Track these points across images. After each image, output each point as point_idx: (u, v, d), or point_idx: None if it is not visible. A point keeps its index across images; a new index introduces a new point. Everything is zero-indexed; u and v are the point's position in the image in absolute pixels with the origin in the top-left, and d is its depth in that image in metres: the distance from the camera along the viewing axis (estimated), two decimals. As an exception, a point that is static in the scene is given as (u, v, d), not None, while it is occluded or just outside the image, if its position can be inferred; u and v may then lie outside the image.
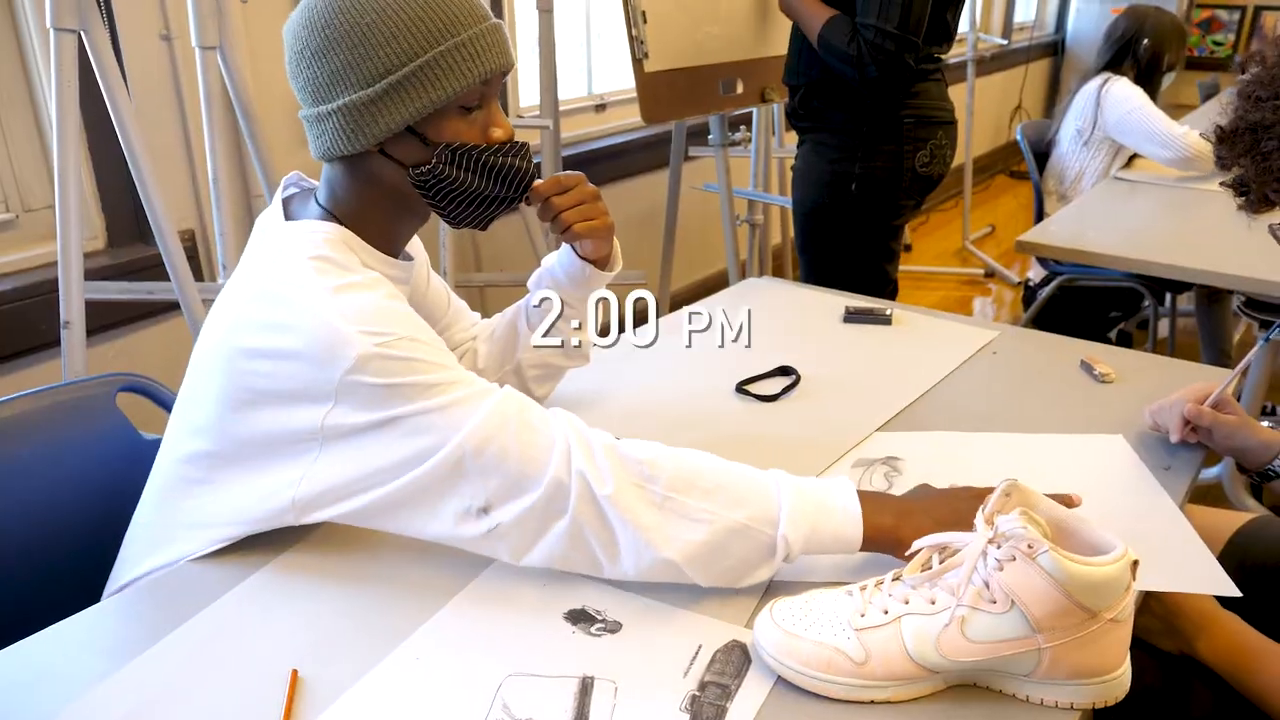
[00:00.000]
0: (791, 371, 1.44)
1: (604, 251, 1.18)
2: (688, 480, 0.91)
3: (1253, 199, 0.95)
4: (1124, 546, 0.76)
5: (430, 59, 0.93)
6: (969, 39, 4.50)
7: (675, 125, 2.67)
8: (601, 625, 0.92)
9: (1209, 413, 1.18)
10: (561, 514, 0.90)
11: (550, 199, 1.09)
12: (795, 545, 0.91)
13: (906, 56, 1.80)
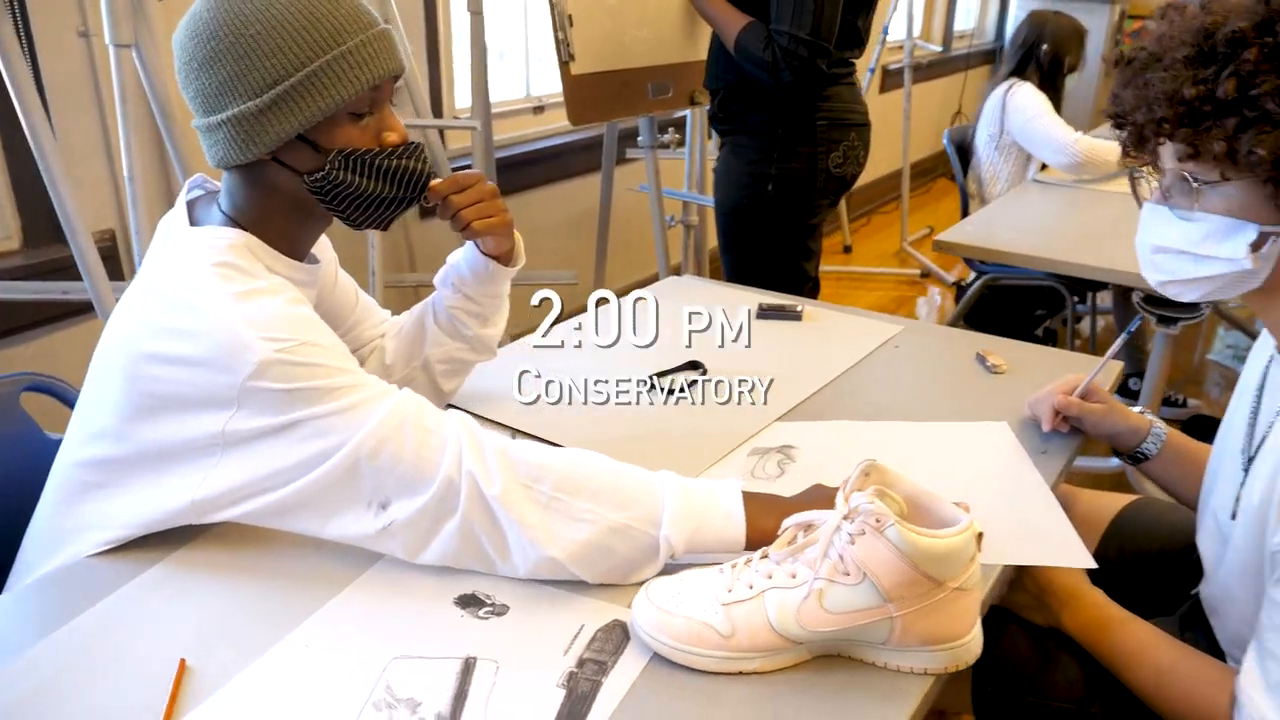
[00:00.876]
0: (699, 366, 1.48)
1: (506, 247, 1.21)
2: (575, 482, 0.95)
3: (1129, 135, 0.98)
4: (969, 520, 0.81)
5: (317, 68, 0.95)
6: (906, 46, 4.59)
7: (607, 127, 2.71)
8: (489, 609, 0.95)
9: (1075, 402, 1.24)
10: (452, 513, 0.93)
11: (448, 198, 1.12)
12: (678, 546, 0.94)
13: (819, 62, 1.86)
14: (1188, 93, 0.87)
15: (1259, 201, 0.89)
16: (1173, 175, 0.94)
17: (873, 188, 5.55)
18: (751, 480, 1.18)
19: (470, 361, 1.30)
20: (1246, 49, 0.85)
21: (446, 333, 1.26)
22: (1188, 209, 0.93)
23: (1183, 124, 0.89)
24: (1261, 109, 0.84)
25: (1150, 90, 0.91)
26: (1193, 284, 0.97)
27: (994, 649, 1.16)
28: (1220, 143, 0.86)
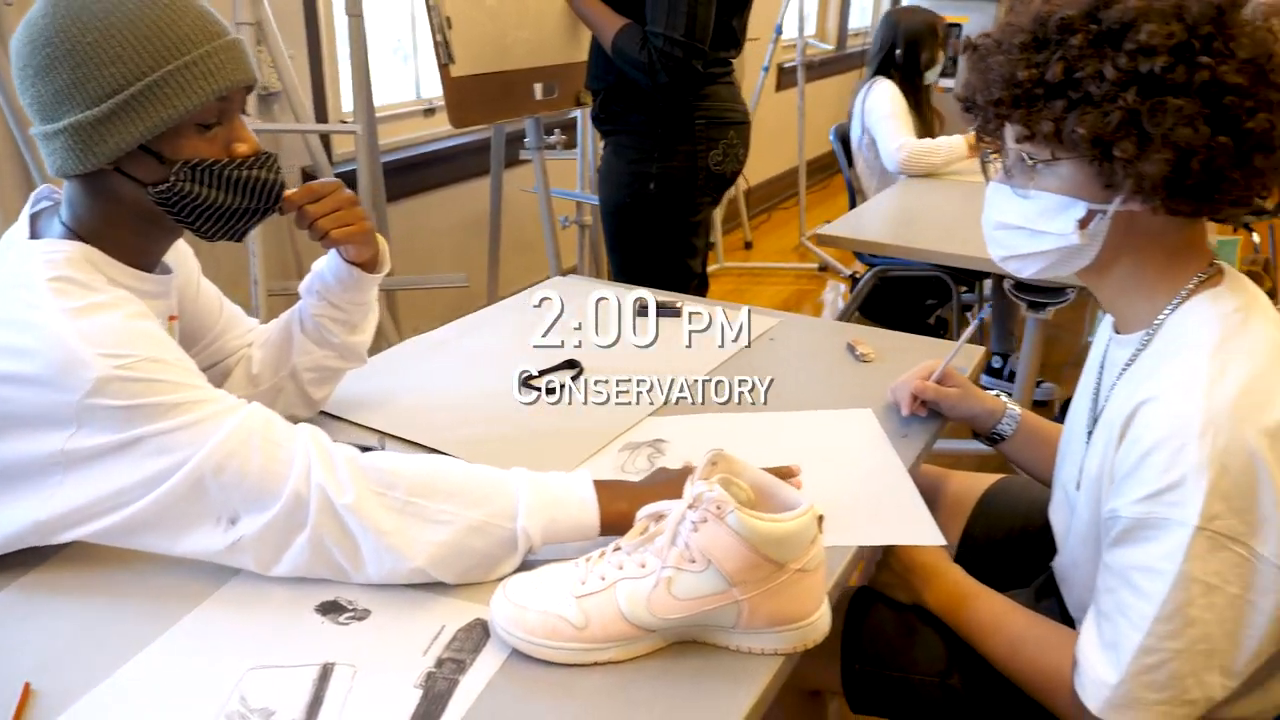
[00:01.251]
0: (576, 365, 1.49)
1: (368, 254, 1.20)
2: (428, 485, 0.95)
3: (977, 118, 1.03)
4: (808, 504, 0.83)
5: (158, 78, 0.93)
6: (798, 44, 4.67)
7: (494, 129, 2.70)
8: (350, 614, 0.95)
9: (931, 387, 1.29)
10: (302, 526, 0.92)
11: (303, 208, 1.11)
12: (535, 536, 0.95)
13: (694, 63, 1.89)
14: (1021, 76, 0.92)
15: (1087, 179, 0.94)
16: (1013, 155, 1.00)
17: (772, 184, 5.63)
18: (621, 475, 1.19)
19: (339, 369, 1.29)
20: (1074, 35, 0.90)
21: (314, 341, 1.25)
22: (1024, 187, 0.99)
23: (1017, 105, 0.94)
24: (1084, 91, 0.89)
25: (990, 74, 0.96)
26: (1029, 259, 1.03)
27: (861, 628, 1.20)
28: (1049, 123, 0.92)
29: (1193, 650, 0.87)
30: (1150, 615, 0.88)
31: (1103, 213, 0.94)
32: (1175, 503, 0.86)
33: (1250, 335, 0.92)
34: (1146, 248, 0.97)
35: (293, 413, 1.29)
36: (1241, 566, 0.86)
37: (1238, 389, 0.87)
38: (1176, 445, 0.86)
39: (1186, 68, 0.86)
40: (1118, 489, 0.92)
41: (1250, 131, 0.88)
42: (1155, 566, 0.88)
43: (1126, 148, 0.88)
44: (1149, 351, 0.99)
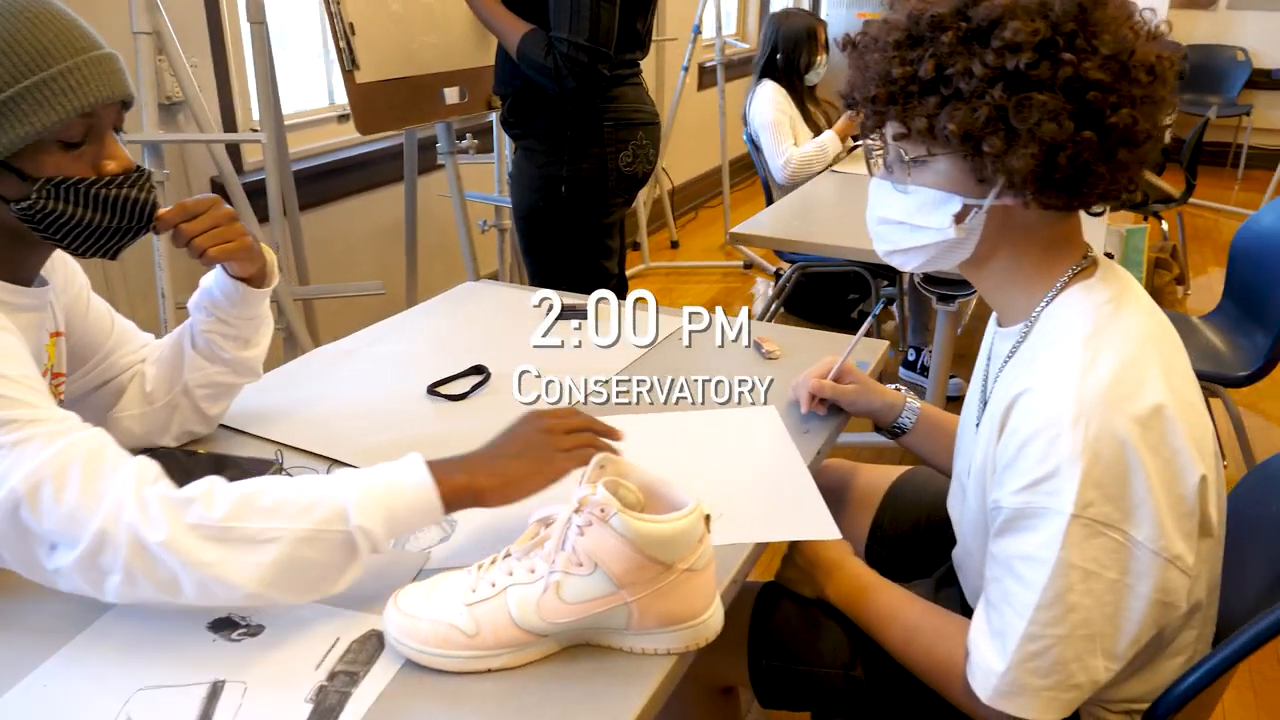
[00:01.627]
0: (483, 370, 1.49)
1: (253, 269, 1.18)
2: (247, 506, 0.88)
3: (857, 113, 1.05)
4: (695, 503, 0.84)
5: (13, 94, 0.90)
6: (716, 44, 4.70)
7: (406, 135, 2.68)
8: (244, 630, 0.93)
9: (828, 385, 1.32)
10: (114, 566, 0.86)
11: (179, 227, 1.10)
12: (375, 532, 0.90)
13: (600, 67, 1.90)
14: (896, 73, 0.94)
15: (962, 175, 0.97)
16: (892, 151, 1.02)
17: (697, 184, 5.67)
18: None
19: (233, 384, 1.27)
20: (945, 32, 0.92)
21: (205, 357, 1.22)
22: (903, 182, 1.01)
23: (893, 102, 0.96)
24: (954, 87, 0.91)
25: (868, 71, 0.98)
26: (910, 253, 1.05)
27: (768, 624, 1.22)
28: (923, 119, 0.94)
29: (1074, 635, 0.90)
30: (1033, 603, 0.91)
31: (978, 207, 0.97)
32: (1051, 492, 0.89)
33: (1121, 324, 0.96)
34: (1022, 241, 1.00)
35: (189, 429, 1.27)
36: (1118, 552, 0.89)
37: (1108, 377, 0.90)
38: (1051, 435, 0.89)
39: (1051, 64, 0.89)
40: (999, 480, 0.95)
41: (1114, 126, 0.91)
42: (1035, 555, 0.90)
43: (995, 143, 0.91)
44: (1027, 343, 1.02)
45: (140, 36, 2.06)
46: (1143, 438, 0.88)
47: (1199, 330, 2.66)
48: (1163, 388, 0.91)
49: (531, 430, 1.02)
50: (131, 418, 1.23)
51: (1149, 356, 0.94)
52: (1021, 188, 0.93)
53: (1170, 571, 0.91)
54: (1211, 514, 0.95)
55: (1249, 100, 6.56)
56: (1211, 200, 5.90)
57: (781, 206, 2.77)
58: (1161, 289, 3.69)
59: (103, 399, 1.23)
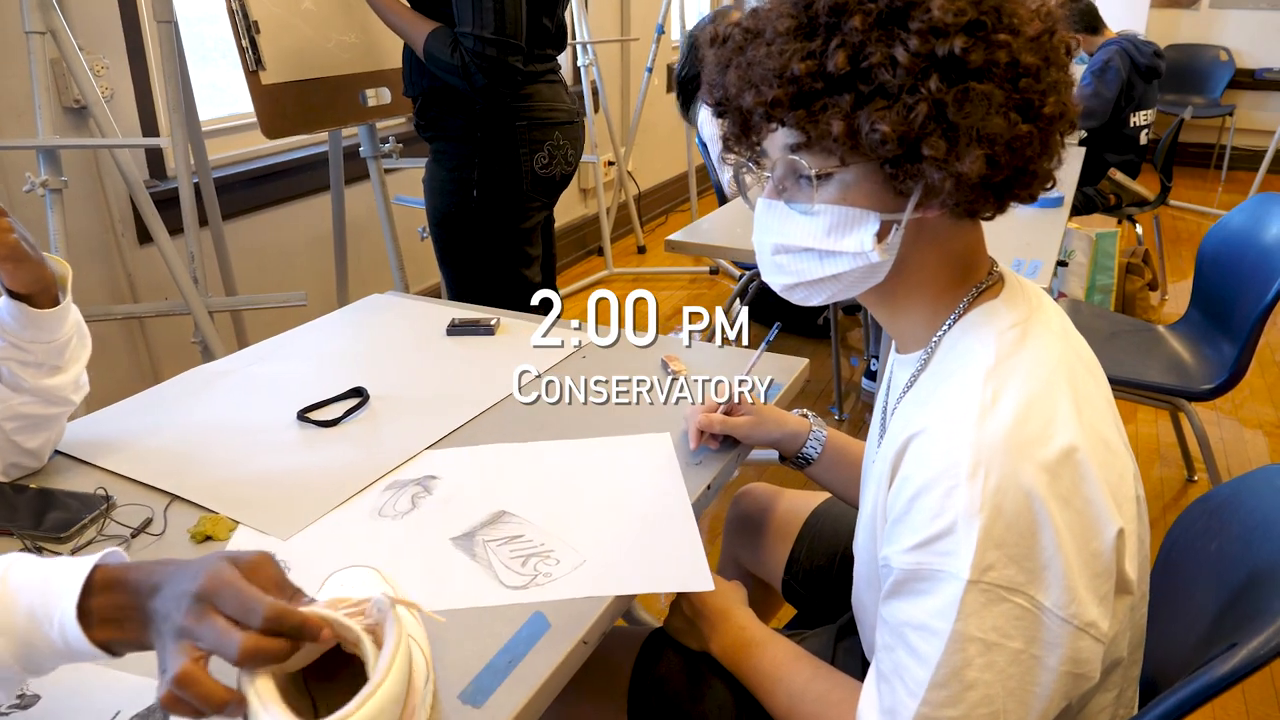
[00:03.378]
0: (362, 393, 1.37)
1: (26, 281, 1.05)
2: None
3: (732, 123, 0.88)
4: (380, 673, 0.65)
5: None
6: (681, 45, 4.59)
7: (330, 139, 2.57)
8: (15, 704, 0.82)
9: (718, 419, 1.19)
10: None
11: None
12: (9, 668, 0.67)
13: (511, 60, 1.79)
14: (797, 69, 0.78)
15: (877, 187, 0.81)
16: (784, 166, 0.85)
17: (665, 189, 5.56)
18: (378, 519, 1.08)
19: (47, 415, 1.14)
20: (849, 16, 0.77)
21: (9, 386, 1.10)
22: (807, 201, 0.84)
23: (795, 105, 0.79)
24: (876, 82, 0.76)
25: (754, 71, 0.81)
26: (820, 285, 0.88)
27: (650, 676, 1.10)
28: (839, 122, 0.77)
29: (973, 715, 0.77)
30: (925, 680, 0.78)
31: (897, 223, 0.82)
32: (946, 553, 0.76)
33: (1027, 353, 0.82)
34: (931, 257, 0.86)
35: (16, 462, 1.15)
36: (1023, 619, 0.76)
37: (1012, 418, 0.77)
38: (946, 487, 0.76)
39: (985, 48, 0.75)
40: (889, 534, 0.82)
41: (1050, 117, 0.78)
42: (928, 624, 0.77)
43: (937, 145, 0.75)
44: (926, 374, 0.89)
45: (32, 36, 1.94)
46: (1051, 487, 0.75)
47: (1164, 340, 2.55)
48: (1074, 426, 0.78)
49: (182, 590, 0.64)
50: None
51: (1058, 389, 0.80)
52: (954, 194, 0.78)
53: (1082, 640, 0.77)
54: (1129, 571, 0.82)
55: (1232, 100, 6.46)
56: (1194, 202, 5.80)
57: (723, 213, 2.66)
58: (1133, 295, 3.59)
59: None
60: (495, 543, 1.03)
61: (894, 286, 0.87)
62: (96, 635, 0.65)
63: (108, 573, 0.67)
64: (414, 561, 1.00)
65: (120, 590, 0.66)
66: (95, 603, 0.66)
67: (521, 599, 0.93)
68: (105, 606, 0.66)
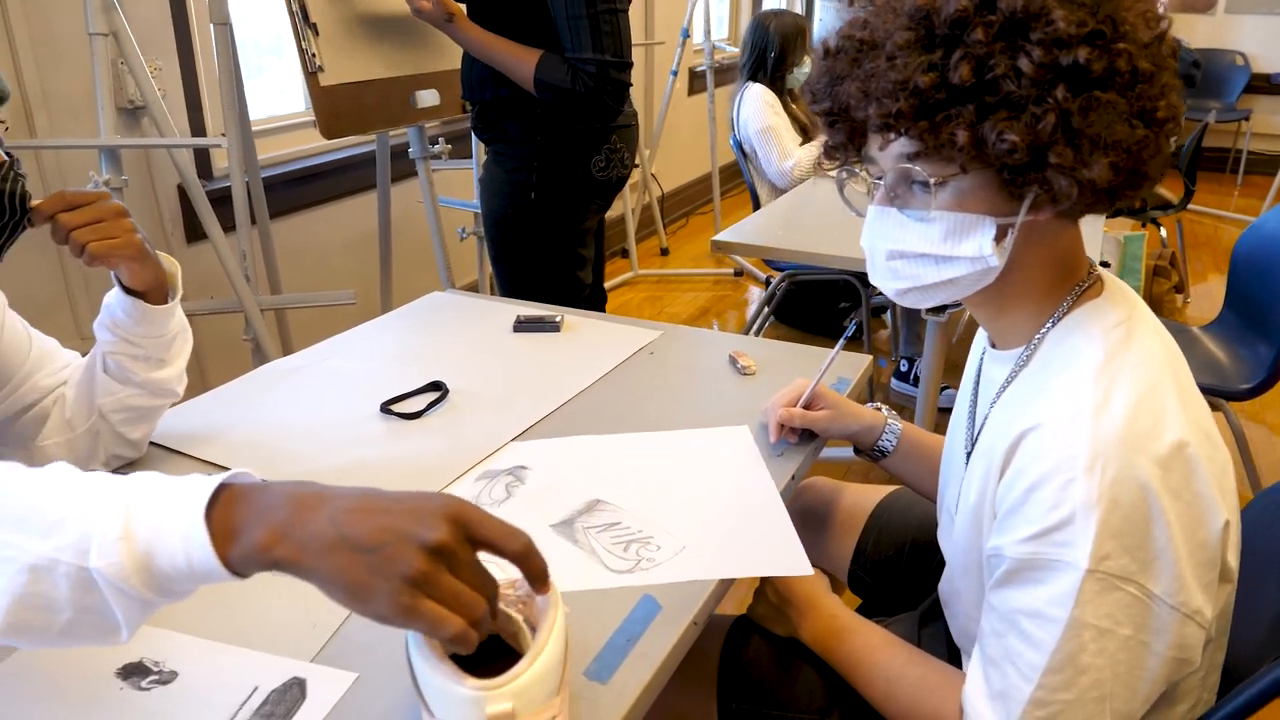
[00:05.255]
0: (441, 386, 1.40)
1: (147, 278, 1.09)
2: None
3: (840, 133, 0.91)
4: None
5: None
6: (705, 49, 4.63)
7: (378, 140, 2.60)
8: (155, 678, 0.85)
9: (798, 413, 1.22)
10: None
11: (56, 218, 1.01)
12: (130, 585, 0.63)
13: (625, 77, 1.86)
14: (921, 81, 0.80)
15: (992, 193, 0.84)
16: (896, 174, 0.87)
17: (687, 190, 5.59)
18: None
19: (151, 407, 1.18)
20: (972, 29, 0.79)
21: (117, 380, 1.14)
22: (924, 208, 0.87)
23: (919, 116, 0.82)
24: (1001, 93, 0.79)
25: (874, 83, 0.83)
26: (936, 289, 0.91)
27: (739, 663, 1.13)
28: (964, 131, 0.80)
29: (1085, 699, 0.81)
30: (1040, 665, 0.81)
31: (1012, 226, 0.85)
32: (1064, 543, 0.79)
33: (1134, 353, 0.85)
34: (1038, 258, 0.89)
35: (117, 453, 1.19)
36: (1133, 607, 0.79)
37: (1125, 414, 0.80)
38: (1064, 480, 0.79)
39: (1107, 57, 0.78)
40: (1001, 525, 0.85)
41: (1163, 121, 0.81)
42: (1044, 612, 0.81)
43: (1064, 153, 0.78)
44: (1029, 371, 0.92)
45: (95, 38, 1.98)
46: (1163, 481, 0.78)
47: (1199, 341, 2.58)
48: (1181, 421, 0.81)
49: (410, 532, 0.62)
50: (56, 445, 1.15)
51: (1165, 386, 0.84)
52: (1077, 199, 0.81)
53: (1188, 627, 0.81)
54: (1230, 560, 0.85)
55: (1248, 105, 6.48)
56: (1211, 206, 5.82)
57: (767, 213, 2.69)
58: (1160, 297, 3.61)
59: (27, 426, 1.15)
60: (595, 529, 1.06)
61: (1001, 287, 0.90)
62: (223, 550, 0.63)
63: (236, 489, 0.65)
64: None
65: (251, 503, 0.64)
66: (223, 513, 0.64)
67: (628, 582, 0.96)
68: (236, 516, 0.64)
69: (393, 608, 0.61)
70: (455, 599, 0.62)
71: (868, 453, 1.27)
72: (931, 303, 0.94)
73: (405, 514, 0.63)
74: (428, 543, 0.61)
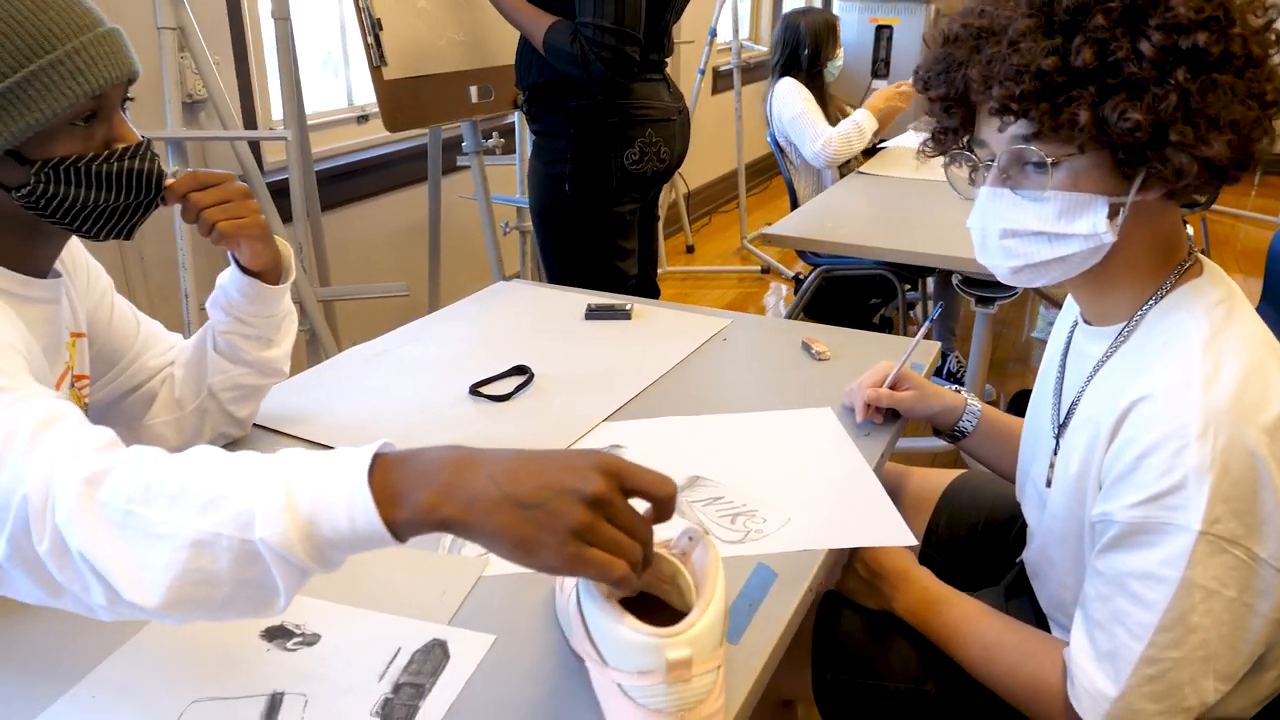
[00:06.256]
0: (526, 370, 1.44)
1: (266, 259, 1.13)
2: (150, 485, 0.69)
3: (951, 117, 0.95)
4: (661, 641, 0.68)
5: (20, 80, 0.85)
6: (733, 47, 4.67)
7: (430, 135, 2.64)
8: (299, 639, 0.89)
9: (885, 393, 1.26)
10: (38, 543, 0.70)
11: (188, 196, 1.05)
12: (293, 554, 0.66)
13: (628, 49, 1.86)
14: (1045, 64, 0.84)
15: (1105, 173, 0.88)
16: (1010, 155, 0.91)
17: (711, 188, 5.63)
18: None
19: (259, 385, 1.22)
20: (1092, 15, 0.83)
21: (227, 359, 1.18)
22: (1037, 189, 0.90)
23: (1041, 98, 0.85)
24: (1123, 75, 0.83)
25: (996, 67, 0.87)
26: (1048, 266, 0.94)
27: (830, 636, 1.17)
28: (1085, 112, 0.83)
29: (1192, 657, 0.85)
30: (1152, 624, 0.85)
31: (1123, 205, 0.89)
32: (1176, 506, 0.83)
33: (1236, 329, 0.90)
34: (1144, 237, 0.93)
35: (223, 432, 1.23)
36: (1240, 569, 0.83)
37: (1234, 386, 0.84)
38: (1176, 446, 0.83)
39: (1223, 41, 0.82)
40: (1110, 492, 0.89)
41: (1273, 103, 0.85)
42: (1156, 573, 0.84)
43: (1184, 131, 0.82)
44: (1130, 346, 0.95)
45: (164, 32, 2.02)
46: (1271, 449, 0.82)
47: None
48: None
49: (570, 488, 0.66)
50: (164, 424, 1.19)
51: (1268, 360, 0.88)
52: (1194, 177, 0.84)
53: None
54: None
55: (1264, 106, 6.50)
56: (1229, 206, 5.85)
57: (812, 207, 2.73)
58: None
59: (134, 406, 1.19)
60: (700, 504, 1.10)
61: (1106, 266, 0.94)
62: (388, 513, 0.66)
63: (391, 457, 0.68)
64: (628, 519, 1.07)
65: (409, 468, 0.67)
66: (382, 479, 0.67)
67: (739, 552, 1.00)
68: (397, 481, 0.67)
69: (561, 558, 0.65)
70: (616, 545, 0.66)
71: (948, 434, 1.31)
72: (1041, 281, 0.97)
73: (561, 470, 0.67)
74: (587, 495, 0.65)
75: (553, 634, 0.89)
